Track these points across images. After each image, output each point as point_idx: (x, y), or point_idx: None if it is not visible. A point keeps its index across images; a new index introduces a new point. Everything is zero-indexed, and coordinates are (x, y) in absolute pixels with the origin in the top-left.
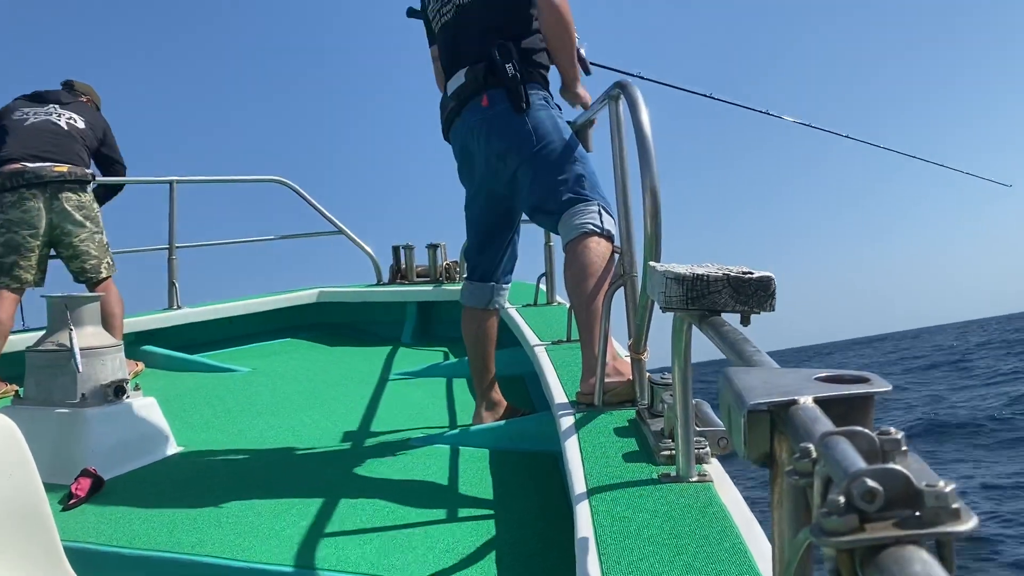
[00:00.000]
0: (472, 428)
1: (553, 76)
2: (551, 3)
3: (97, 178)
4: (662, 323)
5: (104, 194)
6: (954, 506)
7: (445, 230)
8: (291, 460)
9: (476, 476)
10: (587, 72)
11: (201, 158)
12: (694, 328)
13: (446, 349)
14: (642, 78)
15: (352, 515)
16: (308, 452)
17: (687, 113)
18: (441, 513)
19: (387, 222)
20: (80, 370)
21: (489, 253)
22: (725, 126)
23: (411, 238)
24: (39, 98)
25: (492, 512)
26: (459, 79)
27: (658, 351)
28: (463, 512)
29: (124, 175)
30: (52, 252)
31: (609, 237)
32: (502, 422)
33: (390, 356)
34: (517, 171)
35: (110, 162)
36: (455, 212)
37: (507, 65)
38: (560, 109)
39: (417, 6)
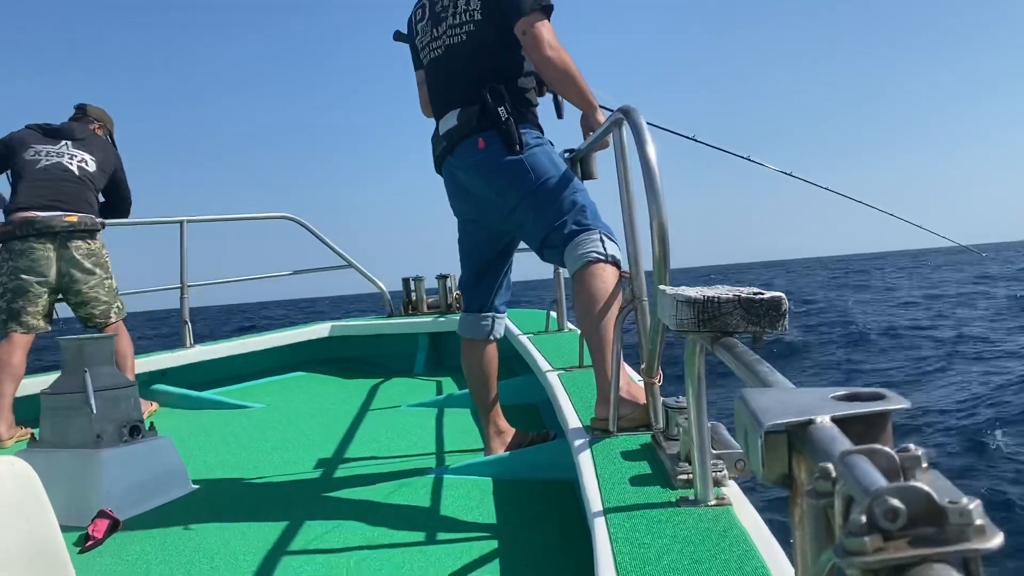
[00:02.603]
0: (488, 457)
1: (545, 109)
2: (548, 61)
3: (106, 223)
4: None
5: (108, 214)
6: (979, 522)
7: (454, 261)
8: (307, 496)
9: (492, 505)
10: (559, 116)
11: (210, 196)
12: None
13: (459, 379)
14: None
15: (371, 549)
16: (323, 487)
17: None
18: (460, 543)
19: (397, 255)
20: (95, 411)
21: (485, 285)
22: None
23: (421, 270)
24: (52, 132)
25: (509, 541)
26: (451, 120)
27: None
28: (481, 542)
29: (129, 210)
30: (60, 296)
31: (614, 263)
32: (516, 451)
33: (403, 387)
34: (517, 207)
35: (118, 197)
36: None
37: (499, 109)
38: (553, 144)
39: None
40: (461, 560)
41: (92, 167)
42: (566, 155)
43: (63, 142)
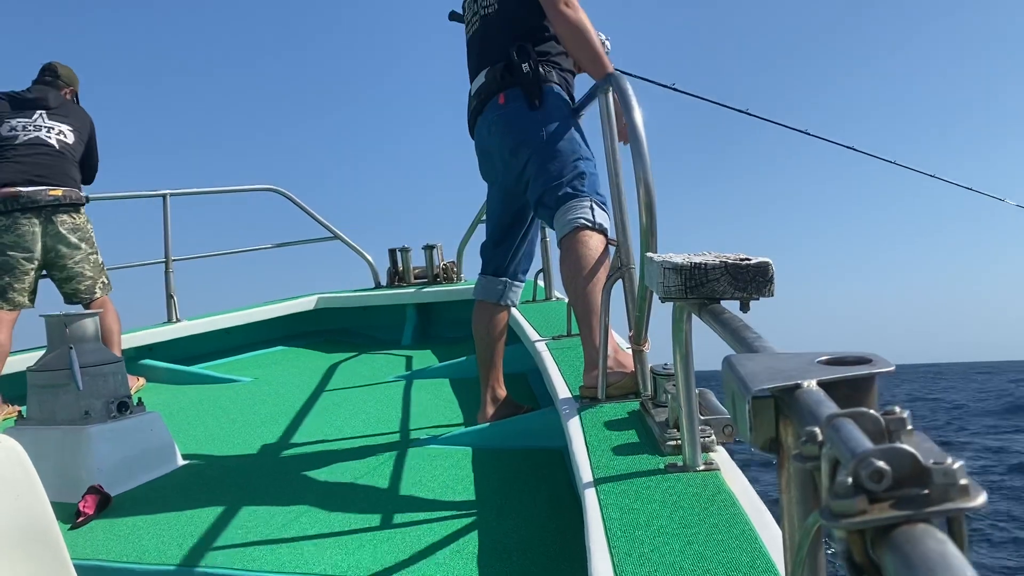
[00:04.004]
0: (476, 427)
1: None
2: (562, 16)
3: (89, 197)
4: (662, 313)
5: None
6: (962, 482)
7: (441, 231)
8: (297, 468)
9: (483, 474)
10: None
11: (193, 168)
12: (694, 317)
13: (446, 350)
14: (675, 90)
15: (362, 519)
16: (314, 459)
17: (674, 102)
18: (451, 512)
19: (383, 225)
20: (81, 388)
21: (503, 248)
22: (715, 118)
23: (407, 240)
24: (25, 104)
25: (501, 509)
26: (480, 79)
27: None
28: (473, 510)
29: (93, 176)
30: (44, 273)
31: (602, 231)
32: (505, 420)
33: (391, 359)
34: (527, 164)
35: (86, 166)
36: (450, 213)
37: (523, 64)
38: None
39: (459, 10)
40: (452, 528)
41: (71, 138)
42: None
43: (37, 113)
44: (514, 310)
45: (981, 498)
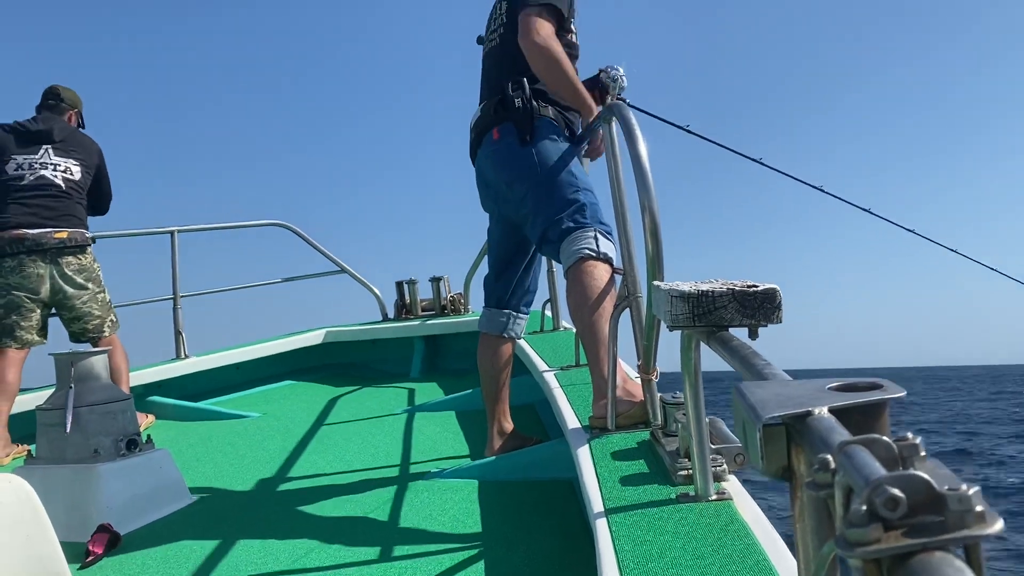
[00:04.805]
0: (486, 460)
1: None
2: (531, 47)
3: (96, 237)
4: (670, 341)
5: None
6: (978, 509)
7: (447, 263)
8: (306, 503)
9: (492, 507)
10: (601, 101)
11: (200, 202)
12: (703, 345)
13: (454, 381)
14: (690, 132)
15: (371, 553)
16: (322, 494)
17: (681, 136)
18: (460, 545)
19: (390, 258)
20: (68, 431)
21: (505, 280)
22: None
23: (414, 273)
24: (31, 138)
25: (511, 542)
26: (478, 113)
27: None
28: (484, 544)
29: (108, 205)
30: (52, 311)
31: (607, 260)
32: (514, 452)
33: (399, 392)
34: (523, 200)
35: (99, 193)
36: (456, 245)
37: (516, 100)
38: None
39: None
40: (462, 562)
41: (77, 175)
42: None
43: (43, 148)
44: (522, 341)
45: (998, 525)
